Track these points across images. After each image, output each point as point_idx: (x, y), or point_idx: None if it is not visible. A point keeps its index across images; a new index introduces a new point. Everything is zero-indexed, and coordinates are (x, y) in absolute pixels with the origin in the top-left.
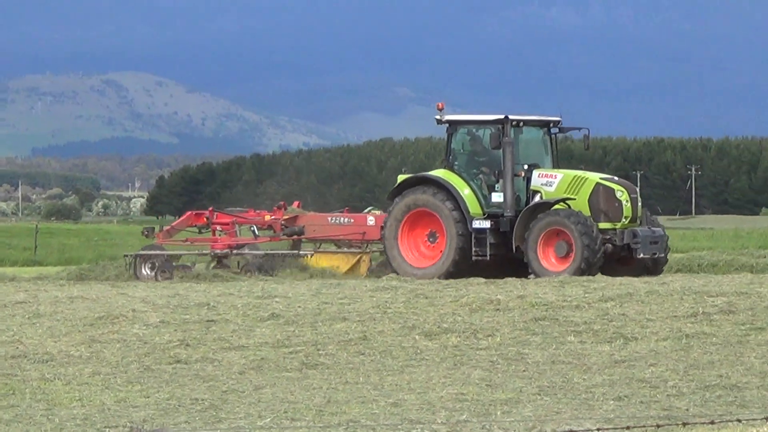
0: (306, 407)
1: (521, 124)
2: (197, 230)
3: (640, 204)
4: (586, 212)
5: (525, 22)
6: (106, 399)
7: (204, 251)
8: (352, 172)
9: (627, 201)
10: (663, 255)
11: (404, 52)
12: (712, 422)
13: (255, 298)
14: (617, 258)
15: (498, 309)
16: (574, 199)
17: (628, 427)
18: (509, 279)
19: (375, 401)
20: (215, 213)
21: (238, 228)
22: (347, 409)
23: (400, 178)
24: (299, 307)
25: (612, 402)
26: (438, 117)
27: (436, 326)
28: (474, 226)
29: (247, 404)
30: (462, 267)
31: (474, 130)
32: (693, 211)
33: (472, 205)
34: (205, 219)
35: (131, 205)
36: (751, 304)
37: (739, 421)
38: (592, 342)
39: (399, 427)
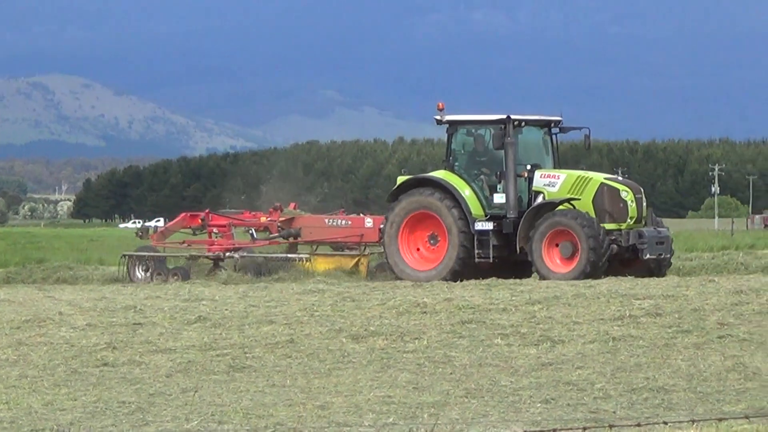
0: (233, 410)
1: (522, 123)
2: (192, 232)
3: (645, 204)
4: (591, 213)
5: (451, 25)
6: (33, 402)
7: (183, 253)
8: (278, 175)
9: (632, 201)
10: (668, 256)
11: (331, 55)
12: (638, 425)
13: (182, 301)
14: (621, 259)
15: (425, 312)
16: (579, 199)
17: (554, 430)
18: (436, 282)
19: (302, 404)
20: (211, 215)
21: (234, 230)
22: (274, 412)
23: (400, 179)
24: (226, 310)
25: (539, 404)
26: (438, 117)
27: (363, 329)
28: (476, 227)
29: (174, 407)
30: (464, 269)
31: (474, 131)
32: None
33: (474, 207)
34: (199, 221)
35: (58, 208)
36: (678, 307)
37: (665, 423)
38: (519, 345)
39: (326, 429)
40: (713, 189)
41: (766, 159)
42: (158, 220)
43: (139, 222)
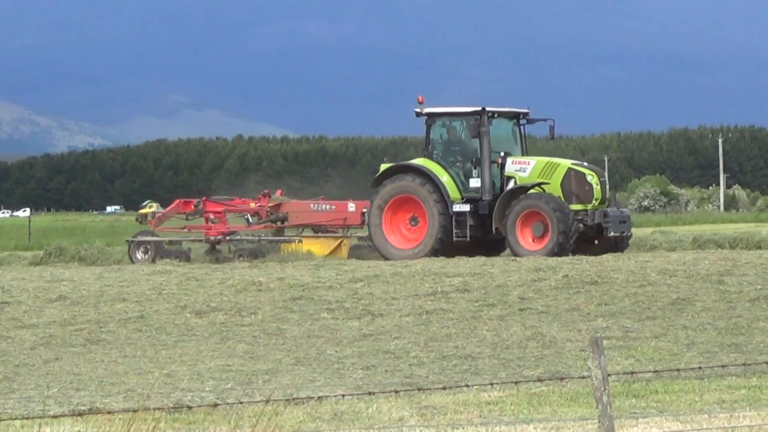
0: (89, 378)
1: (495, 115)
2: (185, 217)
3: (608, 187)
4: (560, 195)
5: (285, 34)
6: None
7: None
8: (132, 170)
9: (597, 184)
10: (629, 233)
11: (179, 62)
12: (444, 388)
13: (45, 282)
14: (585, 237)
15: (260, 290)
16: (548, 183)
17: (371, 393)
18: (270, 263)
19: (151, 372)
20: (207, 202)
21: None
22: (126, 380)
23: (383, 167)
24: (84, 289)
25: (360, 371)
26: (418, 110)
27: (205, 305)
28: (454, 209)
29: (36, 376)
30: (443, 247)
31: (448, 122)
32: None
33: (452, 191)
34: (192, 207)
35: None
36: (484, 284)
37: (467, 386)
38: (344, 318)
39: (171, 395)
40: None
41: (562, 152)
42: (24, 210)
43: (7, 212)
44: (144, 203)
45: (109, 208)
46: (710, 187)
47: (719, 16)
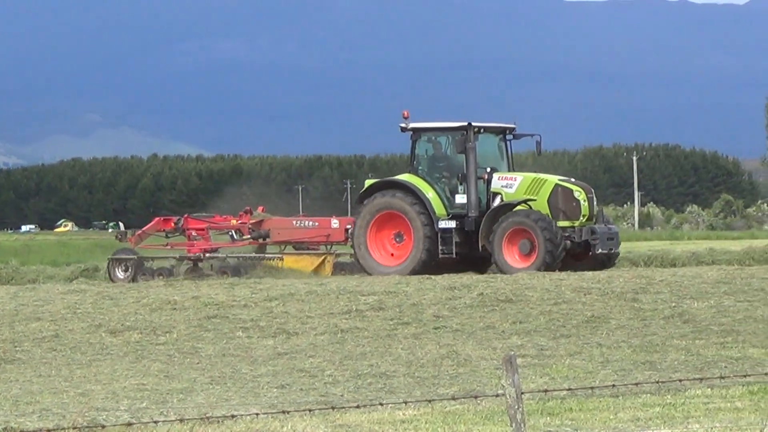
0: (4, 398)
1: (481, 130)
2: (164, 235)
3: (595, 203)
4: (547, 212)
5: (200, 53)
6: None
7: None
8: (46, 189)
9: (584, 200)
10: (617, 251)
11: (94, 81)
12: (358, 406)
13: None
14: (573, 254)
15: (175, 308)
16: (535, 200)
17: (285, 411)
18: (185, 281)
19: (65, 392)
20: (189, 219)
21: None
22: (41, 399)
23: (368, 182)
24: None
25: (275, 390)
26: (403, 125)
27: (120, 324)
28: (440, 226)
29: None
30: (429, 264)
31: (433, 137)
32: None
33: (437, 207)
34: (172, 224)
35: None
36: (399, 302)
37: (381, 404)
38: (258, 337)
39: (86, 414)
40: None
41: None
42: None
43: None
44: (59, 222)
45: (23, 227)
46: (625, 205)
47: (633, 34)
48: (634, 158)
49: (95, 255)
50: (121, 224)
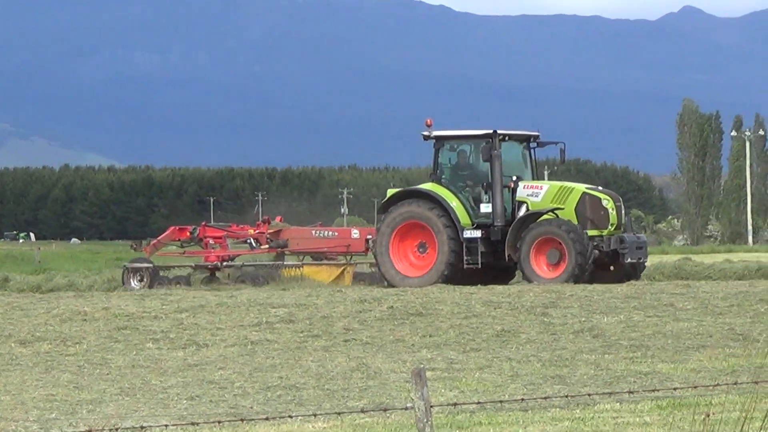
0: None
1: (506, 138)
2: (179, 244)
3: (623, 212)
4: (574, 220)
5: (113, 64)
6: None
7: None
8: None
9: (612, 209)
10: (645, 260)
11: (5, 90)
12: (267, 418)
13: None
14: (600, 263)
15: (85, 319)
16: (563, 208)
17: (195, 423)
18: (96, 293)
19: None
20: (207, 227)
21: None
22: None
23: (390, 192)
24: None
25: (185, 401)
26: (426, 133)
27: (30, 335)
28: (465, 235)
29: None
30: (453, 274)
31: (457, 145)
32: None
33: (462, 216)
34: (188, 233)
35: None
36: (309, 314)
37: (291, 416)
38: (168, 348)
39: None
40: (343, 210)
41: (388, 183)
42: None
43: None
44: (19, 234)
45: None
46: None
47: (546, 48)
48: (546, 173)
49: (6, 266)
50: (32, 235)
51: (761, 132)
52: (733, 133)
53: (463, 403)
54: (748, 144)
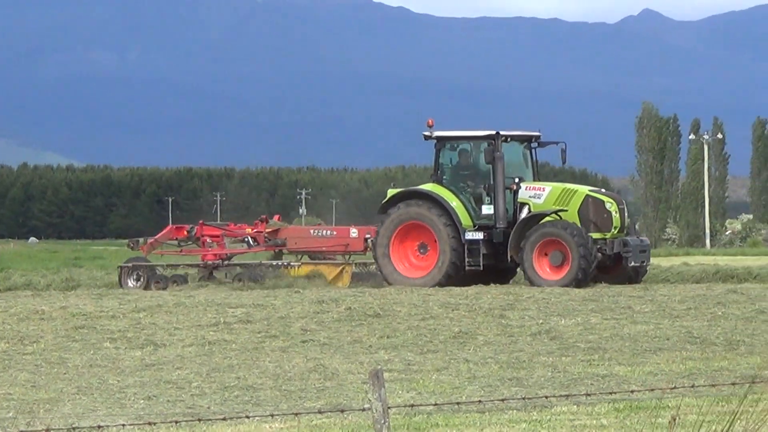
0: None
1: (508, 139)
2: (177, 243)
3: (627, 215)
4: (577, 223)
5: (71, 64)
6: None
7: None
8: None
9: (616, 212)
10: (648, 263)
11: None
12: (225, 418)
13: None
14: (602, 266)
15: (42, 318)
16: (566, 210)
17: (152, 423)
18: (53, 292)
19: None
20: (204, 226)
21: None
22: None
23: (390, 192)
24: None
25: (142, 401)
26: (427, 133)
27: None
28: (467, 237)
29: None
30: (455, 276)
31: (458, 146)
32: None
33: (463, 218)
34: (185, 232)
35: None
36: (267, 315)
37: (248, 417)
38: (126, 348)
39: None
40: (301, 210)
41: (347, 184)
42: None
43: None
44: None
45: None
46: None
47: (504, 51)
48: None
49: None
50: None
51: (719, 135)
52: (692, 137)
53: (421, 404)
54: (706, 147)
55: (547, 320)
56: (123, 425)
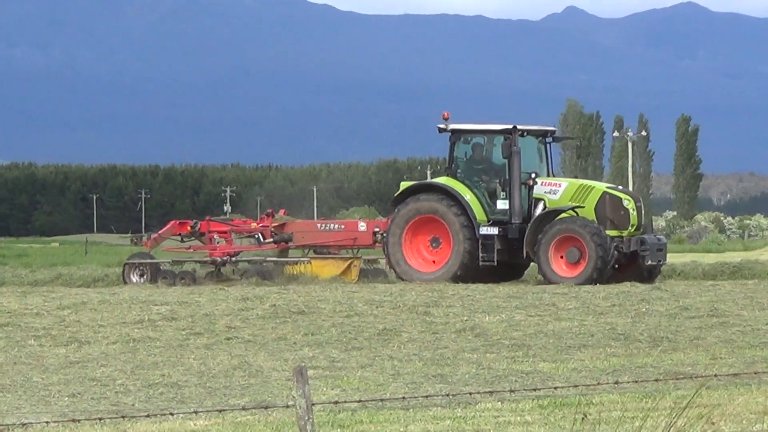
0: None
1: (524, 134)
2: (180, 239)
3: (644, 212)
4: (594, 220)
5: None
6: None
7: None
8: None
9: (633, 209)
10: (664, 262)
11: None
12: (148, 416)
13: None
14: (618, 264)
15: None
16: (583, 207)
17: (76, 420)
18: None
19: None
20: (211, 222)
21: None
22: None
23: (403, 185)
24: None
25: (67, 398)
26: (442, 126)
27: None
28: (482, 232)
29: None
30: (468, 272)
31: (472, 139)
32: (143, 230)
33: (477, 211)
34: (188, 228)
35: None
36: (191, 312)
37: (171, 414)
38: (50, 345)
39: None
40: (226, 208)
41: (272, 181)
42: None
43: None
44: None
45: None
46: None
47: (429, 48)
48: (428, 172)
49: None
50: None
51: (644, 132)
52: (615, 134)
53: (345, 401)
54: (630, 144)
55: (472, 317)
56: (47, 423)
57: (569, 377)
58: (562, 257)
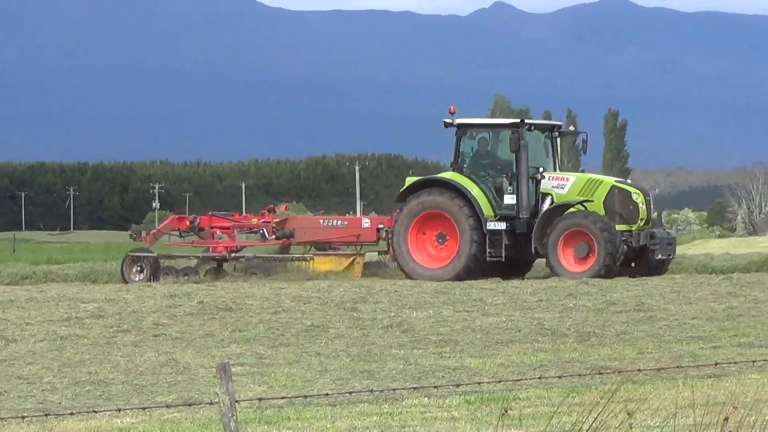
0: None
1: (532, 128)
2: (179, 234)
3: (652, 206)
4: (602, 214)
5: None
6: None
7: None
8: None
9: (642, 203)
10: (673, 256)
11: None
12: (73, 413)
13: None
14: (626, 258)
15: None
16: (591, 201)
17: (0, 418)
18: None
19: None
20: (213, 217)
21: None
22: None
23: (409, 180)
24: None
25: None
26: (448, 120)
27: None
28: (489, 227)
29: None
30: (475, 268)
31: (476, 133)
32: (72, 227)
33: (484, 207)
34: (187, 223)
35: None
36: (119, 309)
37: (96, 412)
38: None
39: None
40: (154, 204)
41: (200, 178)
42: None
43: None
44: None
45: None
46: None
47: (356, 44)
48: (357, 168)
49: None
50: None
51: (572, 127)
52: None
53: (270, 398)
54: (558, 139)
55: (399, 313)
56: None
57: (496, 372)
58: (570, 252)
